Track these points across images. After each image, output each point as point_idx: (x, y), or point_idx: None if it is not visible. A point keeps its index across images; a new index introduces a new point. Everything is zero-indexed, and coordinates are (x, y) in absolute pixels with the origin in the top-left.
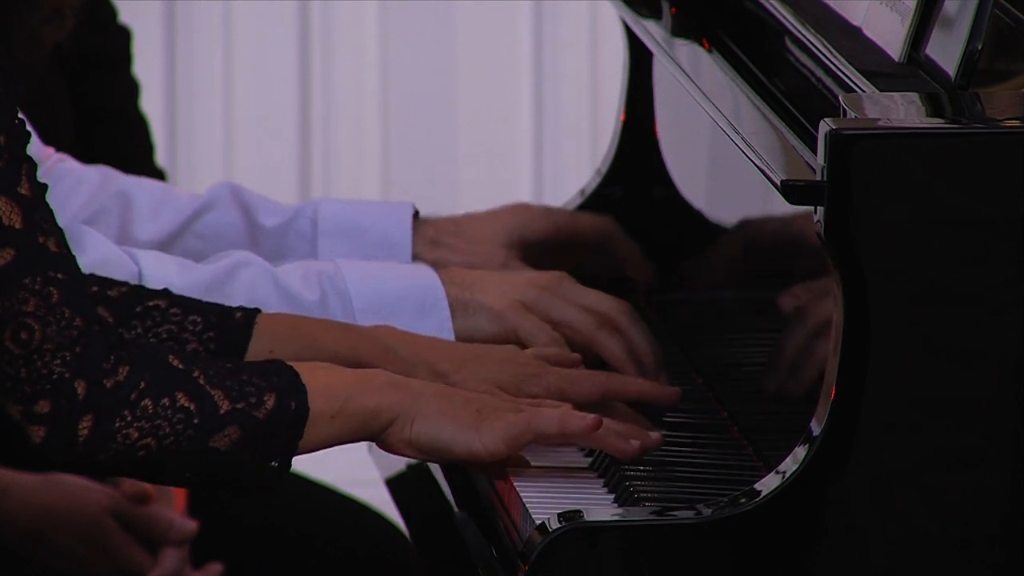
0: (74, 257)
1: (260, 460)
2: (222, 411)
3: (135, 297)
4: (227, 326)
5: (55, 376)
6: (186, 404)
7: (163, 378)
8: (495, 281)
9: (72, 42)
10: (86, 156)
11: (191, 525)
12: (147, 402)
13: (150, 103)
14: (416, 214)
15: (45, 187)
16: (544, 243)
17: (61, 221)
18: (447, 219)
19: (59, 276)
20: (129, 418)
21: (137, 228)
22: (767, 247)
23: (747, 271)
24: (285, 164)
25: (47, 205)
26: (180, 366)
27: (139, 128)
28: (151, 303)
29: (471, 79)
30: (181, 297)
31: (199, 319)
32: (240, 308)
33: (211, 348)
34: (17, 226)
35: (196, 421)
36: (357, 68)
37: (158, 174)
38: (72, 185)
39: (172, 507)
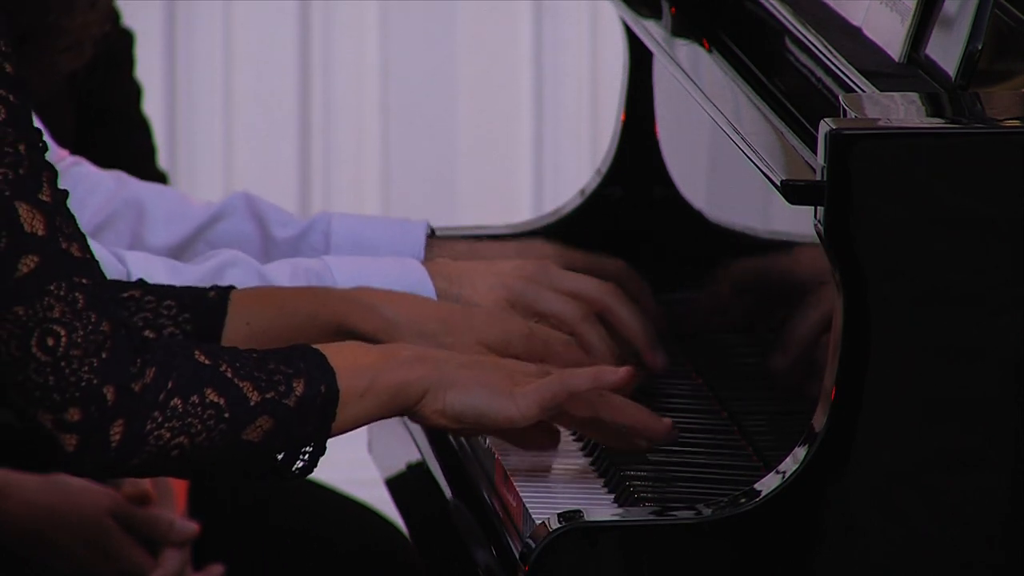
0: (97, 262)
1: (295, 446)
2: (252, 403)
3: (109, 289)
4: (201, 306)
5: (83, 383)
6: (215, 399)
7: (191, 376)
8: (481, 274)
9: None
10: (88, 158)
11: (192, 526)
12: (176, 401)
13: (150, 103)
14: (432, 232)
15: (66, 193)
16: None
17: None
18: (462, 241)
19: (84, 281)
20: (160, 419)
21: (150, 234)
22: (768, 249)
23: (747, 272)
24: (285, 164)
25: (68, 211)
26: (207, 361)
27: (141, 130)
28: (125, 294)
29: (471, 79)
30: (154, 285)
31: (173, 303)
32: (213, 287)
33: (187, 329)
34: (40, 233)
35: (227, 415)
36: (357, 68)
37: (160, 176)
38: (87, 189)
39: (173, 508)
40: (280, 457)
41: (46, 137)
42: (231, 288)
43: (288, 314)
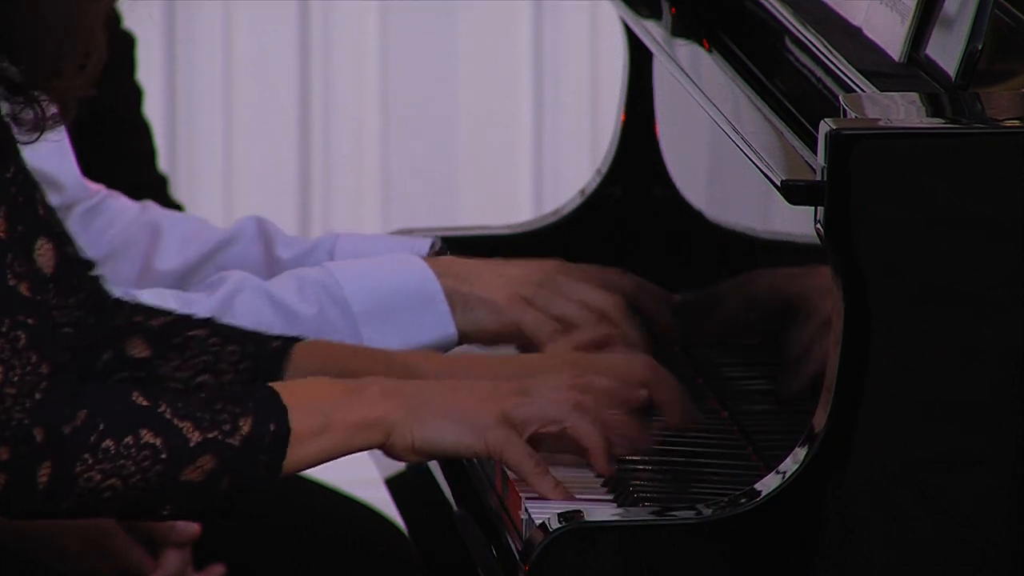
0: (47, 304)
1: (243, 485)
2: (192, 443)
3: (176, 327)
4: (263, 355)
5: (14, 422)
6: (151, 440)
7: (124, 417)
8: (491, 273)
9: None
10: (89, 161)
11: (193, 527)
12: (109, 443)
13: (150, 105)
14: (442, 249)
15: (26, 230)
16: None
17: (93, 252)
18: (470, 260)
19: (28, 321)
20: (90, 461)
21: (161, 258)
22: (768, 249)
23: (747, 272)
24: (285, 164)
25: (25, 248)
26: (144, 403)
27: (142, 133)
28: (191, 333)
29: (471, 79)
30: (222, 326)
31: (236, 348)
32: (279, 337)
33: (246, 378)
34: None
35: (163, 456)
36: (357, 68)
37: (160, 179)
38: (111, 217)
39: None
40: (228, 496)
41: (77, 173)
42: (295, 340)
43: (349, 374)
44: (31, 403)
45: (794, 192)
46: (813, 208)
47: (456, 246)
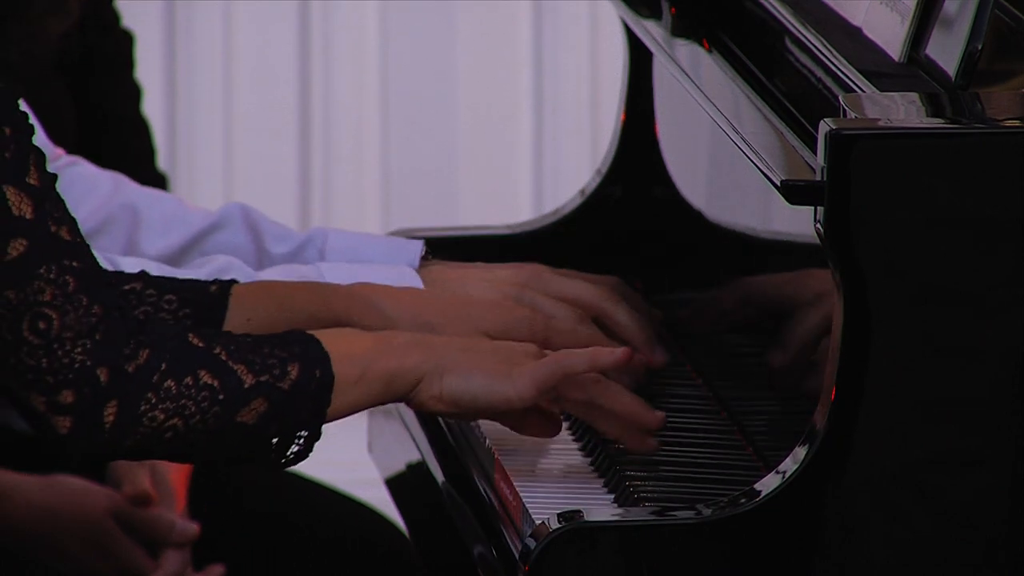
0: (88, 245)
1: (289, 431)
2: (246, 385)
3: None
4: (202, 301)
5: (76, 364)
6: (210, 381)
7: (184, 357)
8: (476, 280)
9: (75, 45)
10: (89, 160)
11: (193, 527)
12: (170, 383)
13: (150, 104)
14: (427, 254)
15: (54, 177)
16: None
17: None
18: (455, 263)
19: (74, 264)
20: (154, 400)
21: (145, 241)
22: (768, 249)
23: (747, 272)
24: (285, 164)
25: (57, 194)
26: (201, 344)
27: (141, 132)
28: (127, 286)
29: (471, 79)
30: (157, 278)
31: (174, 297)
32: (215, 281)
33: (187, 324)
34: (28, 216)
35: (221, 397)
36: (357, 68)
37: (160, 178)
38: (83, 190)
39: (173, 509)
40: (275, 442)
41: (43, 136)
42: (232, 282)
43: (288, 309)
44: (91, 344)
45: (794, 192)
46: (813, 208)
47: (456, 246)
